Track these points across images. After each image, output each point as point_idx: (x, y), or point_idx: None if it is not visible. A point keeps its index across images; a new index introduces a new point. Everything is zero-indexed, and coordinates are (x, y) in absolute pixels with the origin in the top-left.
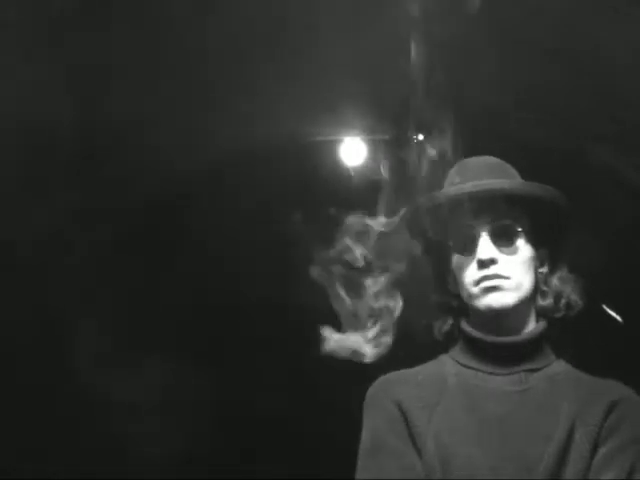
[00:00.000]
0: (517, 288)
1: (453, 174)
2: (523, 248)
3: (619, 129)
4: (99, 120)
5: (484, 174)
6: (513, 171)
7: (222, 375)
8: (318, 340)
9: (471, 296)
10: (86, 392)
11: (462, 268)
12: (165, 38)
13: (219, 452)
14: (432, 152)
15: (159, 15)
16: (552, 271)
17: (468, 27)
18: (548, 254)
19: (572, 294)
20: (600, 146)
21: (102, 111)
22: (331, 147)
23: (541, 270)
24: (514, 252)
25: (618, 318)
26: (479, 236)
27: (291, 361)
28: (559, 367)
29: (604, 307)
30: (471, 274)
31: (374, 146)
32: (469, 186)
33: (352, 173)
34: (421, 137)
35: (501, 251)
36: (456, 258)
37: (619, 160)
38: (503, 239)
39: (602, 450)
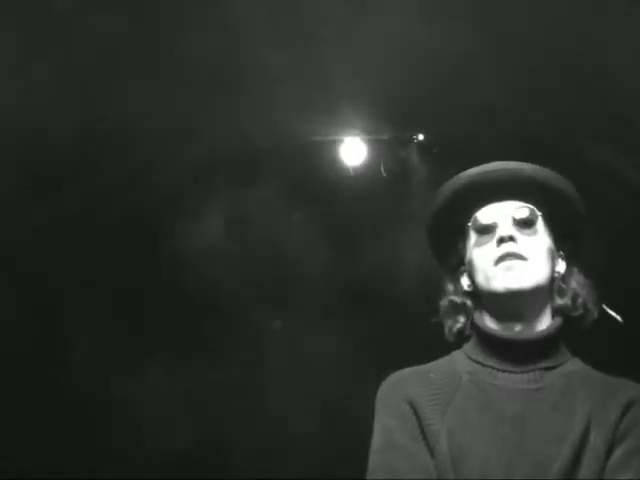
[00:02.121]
0: (535, 271)
1: (469, 170)
2: (542, 234)
3: (619, 129)
4: (98, 120)
5: (506, 161)
6: None
7: (222, 375)
8: (318, 341)
9: (488, 278)
10: (86, 392)
11: (481, 247)
12: (164, 38)
13: (218, 452)
14: (432, 152)
15: (158, 14)
16: (569, 273)
17: (468, 27)
18: (565, 256)
19: (589, 298)
20: (600, 146)
21: (102, 111)
22: (331, 147)
23: (558, 269)
24: (533, 234)
25: (618, 318)
26: (500, 218)
27: (293, 359)
28: (574, 365)
29: (604, 307)
30: (490, 252)
31: (374, 146)
32: (495, 165)
33: (352, 173)
34: (421, 137)
35: (521, 232)
36: (475, 238)
37: (619, 160)
38: (523, 221)
39: (618, 451)
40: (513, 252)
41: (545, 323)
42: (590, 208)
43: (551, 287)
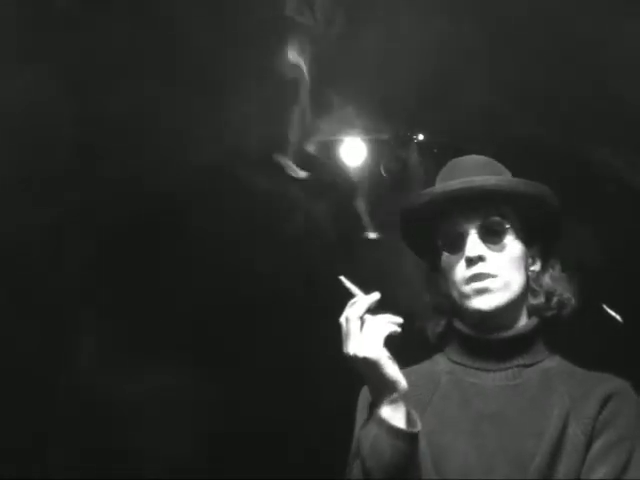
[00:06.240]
0: (506, 287)
1: (443, 173)
2: (512, 245)
3: (619, 129)
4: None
5: (472, 172)
6: (503, 169)
7: (223, 377)
8: (318, 341)
9: (461, 296)
10: (87, 393)
11: (451, 267)
12: (163, 38)
13: (219, 454)
14: (431, 152)
15: (158, 14)
16: (544, 269)
17: (467, 27)
18: (540, 251)
19: (565, 292)
20: (600, 146)
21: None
22: (331, 147)
23: (532, 268)
24: (502, 249)
25: (618, 318)
26: (467, 234)
27: (292, 362)
28: (553, 362)
29: (604, 307)
30: (460, 272)
31: (374, 146)
32: (456, 183)
33: (352, 173)
34: (421, 137)
35: (489, 248)
36: (445, 257)
37: (619, 160)
38: (491, 236)
39: (596, 445)
40: (482, 273)
41: (521, 322)
42: (590, 208)
43: (526, 288)
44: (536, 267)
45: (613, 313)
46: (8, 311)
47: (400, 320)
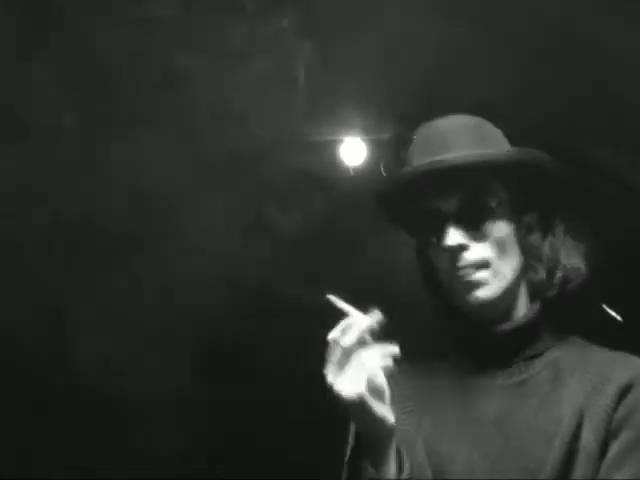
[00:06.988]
0: (496, 276)
1: (416, 144)
2: (499, 225)
3: (619, 129)
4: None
5: (450, 143)
6: (490, 130)
7: (223, 377)
8: (317, 342)
9: (450, 288)
10: (87, 393)
11: (435, 256)
12: (162, 37)
13: (218, 454)
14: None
15: (153, 14)
16: (544, 237)
17: (467, 27)
18: (538, 218)
19: (569, 262)
20: (600, 146)
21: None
22: (331, 147)
23: (529, 239)
24: (488, 234)
25: (618, 318)
26: (445, 219)
27: (292, 362)
28: (564, 347)
29: (604, 307)
30: (443, 264)
31: (374, 146)
32: (425, 164)
33: (352, 173)
34: None
35: (471, 235)
36: (424, 246)
37: (619, 160)
38: (473, 219)
39: (613, 447)
40: (466, 264)
41: (521, 309)
42: (590, 208)
43: (524, 266)
44: (535, 236)
45: (613, 313)
46: (8, 311)
47: (396, 350)
